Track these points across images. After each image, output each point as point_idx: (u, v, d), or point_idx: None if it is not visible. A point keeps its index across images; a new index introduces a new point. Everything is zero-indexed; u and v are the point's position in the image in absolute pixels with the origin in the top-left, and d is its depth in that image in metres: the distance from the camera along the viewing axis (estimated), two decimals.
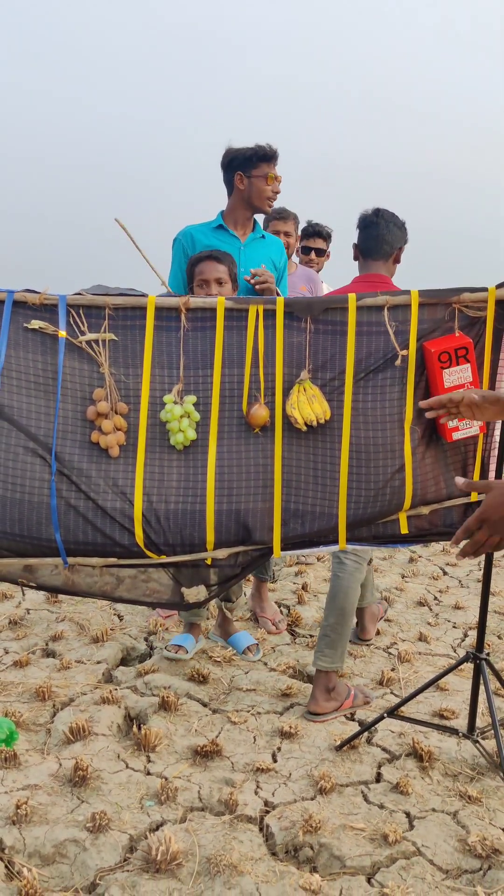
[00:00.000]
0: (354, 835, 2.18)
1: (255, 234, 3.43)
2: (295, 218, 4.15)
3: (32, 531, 2.24)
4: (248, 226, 3.42)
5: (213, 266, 2.90)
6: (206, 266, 2.90)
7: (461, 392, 1.87)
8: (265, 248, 3.43)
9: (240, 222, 3.39)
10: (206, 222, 3.41)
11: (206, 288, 2.88)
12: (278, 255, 3.47)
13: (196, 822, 2.23)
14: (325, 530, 2.31)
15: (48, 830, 2.15)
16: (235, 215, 3.38)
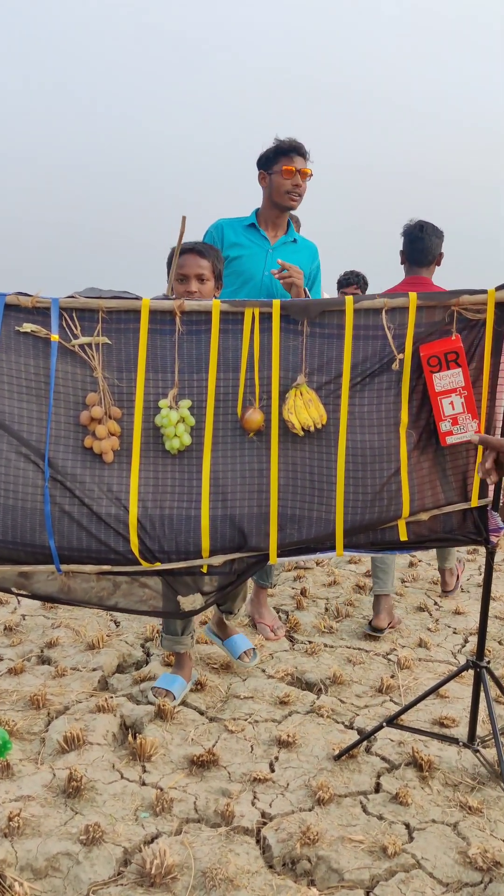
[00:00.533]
0: (353, 847, 2.14)
1: (286, 237, 3.38)
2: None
3: (26, 538, 2.21)
4: (280, 228, 3.37)
5: (195, 260, 2.77)
6: (188, 259, 2.76)
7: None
8: (295, 252, 3.38)
9: (270, 223, 3.35)
10: (240, 218, 3.38)
11: (186, 283, 2.75)
12: (309, 261, 3.41)
13: (192, 834, 2.19)
14: (322, 536, 2.28)
15: (41, 843, 2.11)
16: (266, 216, 3.35)
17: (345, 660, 3.41)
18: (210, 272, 2.78)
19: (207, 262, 2.77)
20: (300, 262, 3.32)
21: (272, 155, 3.31)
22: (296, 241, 3.42)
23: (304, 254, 3.42)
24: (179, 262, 2.71)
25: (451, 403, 2.19)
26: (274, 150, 3.31)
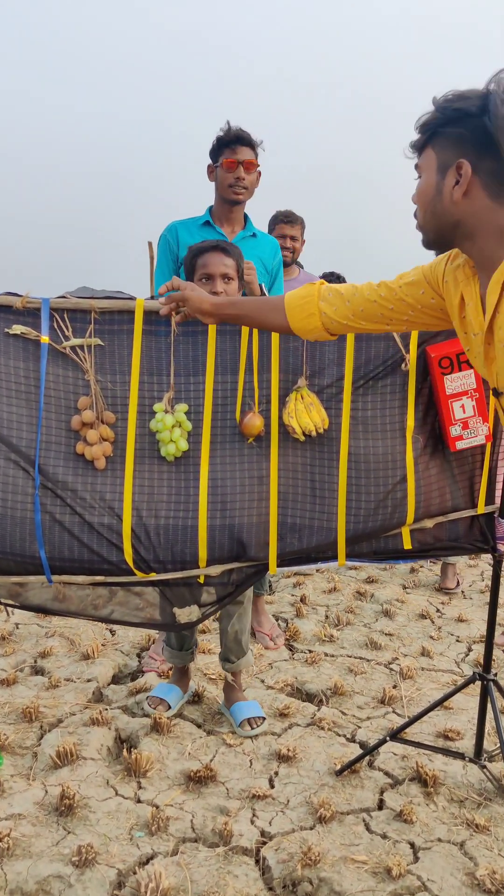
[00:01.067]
0: (356, 868, 2.06)
1: (245, 231, 3.18)
2: (302, 222, 4.01)
3: (16, 548, 2.13)
4: (237, 222, 3.18)
5: (220, 259, 2.54)
6: (212, 258, 2.54)
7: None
8: (255, 247, 3.18)
9: (225, 218, 3.16)
10: (194, 217, 3.20)
11: (211, 284, 2.52)
12: (270, 256, 3.23)
13: (188, 854, 2.11)
14: (323, 545, 2.20)
15: (31, 865, 2.02)
16: (219, 212, 3.17)
17: (346, 669, 3.33)
18: (234, 271, 2.58)
19: (232, 260, 2.58)
20: (261, 257, 3.17)
21: (216, 146, 3.11)
22: (255, 235, 3.23)
23: (265, 249, 3.24)
24: (203, 260, 2.53)
25: (463, 406, 2.12)
26: (217, 141, 3.11)
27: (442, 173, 1.52)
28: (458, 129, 1.48)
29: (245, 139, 3.06)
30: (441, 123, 1.51)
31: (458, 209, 1.51)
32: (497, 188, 1.47)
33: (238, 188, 3.07)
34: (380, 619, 4.01)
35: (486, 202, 1.48)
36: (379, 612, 4.11)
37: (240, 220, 3.20)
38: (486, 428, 2.14)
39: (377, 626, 3.90)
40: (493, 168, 1.46)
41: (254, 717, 2.78)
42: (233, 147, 3.04)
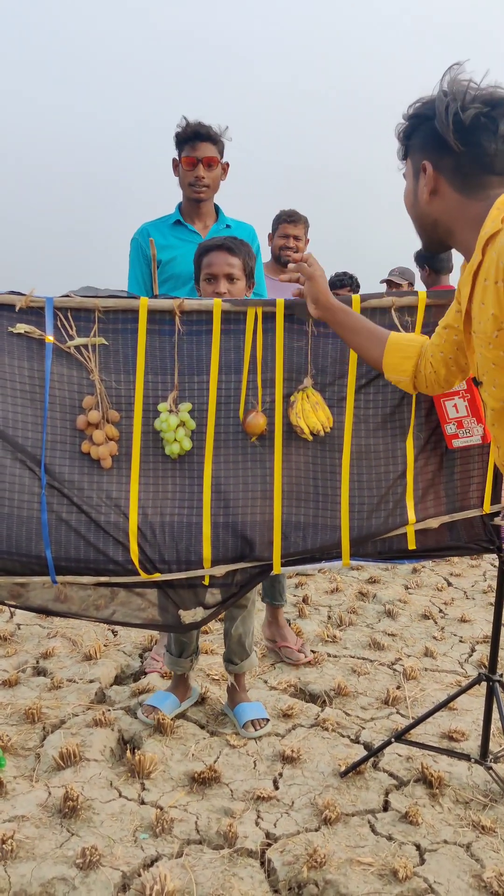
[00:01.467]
0: (362, 870, 2.05)
1: (218, 224, 3.09)
2: (306, 221, 3.98)
3: (22, 548, 2.12)
4: (208, 216, 3.08)
5: (224, 258, 2.48)
6: (216, 258, 2.48)
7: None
8: None
9: (195, 214, 3.07)
10: (164, 217, 3.11)
11: (214, 283, 2.47)
12: None
13: (193, 856, 2.10)
14: (327, 545, 2.19)
15: (35, 867, 2.01)
16: (188, 208, 3.08)
17: (349, 670, 3.31)
18: (241, 270, 2.51)
19: (238, 259, 2.50)
20: None
21: (176, 142, 2.99)
22: (229, 226, 3.13)
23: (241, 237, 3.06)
24: (208, 259, 2.49)
25: (455, 406, 2.11)
26: (175, 137, 2.98)
27: (416, 178, 1.59)
28: (420, 134, 1.56)
29: (203, 134, 2.94)
30: (409, 131, 1.59)
31: (432, 208, 1.58)
32: (461, 182, 1.52)
33: (198, 187, 2.98)
34: (382, 619, 4.00)
35: (455, 196, 1.54)
36: (381, 612, 4.10)
37: (210, 213, 3.11)
38: (481, 428, 2.13)
39: (380, 626, 3.89)
40: (452, 164, 1.52)
41: (258, 719, 2.76)
42: (192, 143, 2.94)
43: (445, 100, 1.47)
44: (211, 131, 2.96)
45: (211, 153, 2.97)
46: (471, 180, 1.51)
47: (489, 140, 1.47)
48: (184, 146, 2.96)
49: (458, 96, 1.46)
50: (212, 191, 3.04)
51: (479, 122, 1.46)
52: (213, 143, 2.98)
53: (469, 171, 1.51)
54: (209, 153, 2.96)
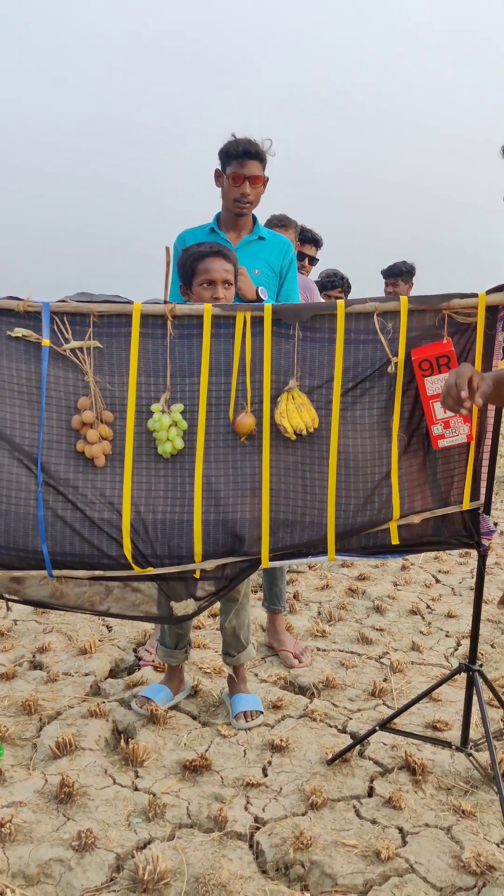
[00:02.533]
0: (346, 851, 2.14)
1: (251, 235, 3.17)
2: (296, 226, 4.04)
3: (19, 543, 2.20)
4: (244, 227, 3.17)
5: (222, 265, 2.57)
6: (214, 264, 2.56)
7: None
8: (262, 250, 3.16)
9: (230, 224, 3.15)
10: (202, 225, 3.20)
11: (212, 289, 2.56)
12: (278, 257, 3.19)
13: (184, 839, 2.19)
14: (314, 540, 2.28)
15: (33, 849, 2.10)
16: (226, 218, 3.16)
17: (338, 663, 3.40)
18: (233, 276, 2.62)
19: (231, 265, 2.61)
20: (267, 259, 3.15)
21: (223, 156, 3.06)
22: (263, 238, 3.19)
23: (273, 250, 3.20)
24: (205, 265, 2.56)
25: (443, 407, 2.19)
26: (224, 151, 3.05)
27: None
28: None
29: (253, 153, 3.01)
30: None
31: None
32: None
33: (242, 203, 3.05)
34: (371, 614, 4.09)
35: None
36: (370, 608, 4.19)
37: (247, 224, 3.18)
38: (467, 428, 2.22)
39: (368, 621, 3.97)
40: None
41: (251, 711, 2.86)
42: (241, 161, 3.00)
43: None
44: (259, 149, 3.02)
45: (258, 171, 3.03)
46: None
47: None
48: (231, 161, 3.02)
49: None
50: (253, 206, 3.12)
51: None
52: (261, 161, 3.05)
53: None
54: (256, 171, 3.03)
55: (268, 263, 3.15)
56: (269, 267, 3.15)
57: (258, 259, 3.13)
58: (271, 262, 3.17)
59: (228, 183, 3.05)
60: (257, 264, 3.11)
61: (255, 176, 3.03)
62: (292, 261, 3.26)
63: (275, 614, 3.57)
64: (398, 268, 5.30)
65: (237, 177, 3.02)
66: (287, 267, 3.23)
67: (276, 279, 3.20)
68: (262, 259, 3.14)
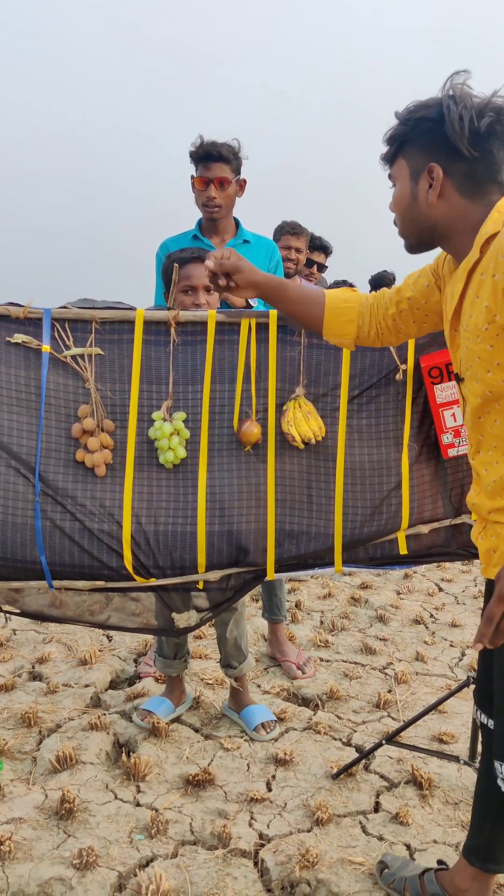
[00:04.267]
0: (353, 869, 2.09)
1: (235, 240, 3.11)
2: (307, 234, 4.02)
3: (17, 553, 2.15)
4: (227, 231, 3.10)
5: (202, 270, 2.46)
6: (195, 269, 2.50)
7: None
8: (247, 253, 3.07)
9: (211, 230, 3.08)
10: (184, 232, 3.13)
11: (194, 295, 2.50)
12: (264, 261, 3.13)
13: (188, 857, 2.14)
14: (320, 551, 2.23)
15: (33, 868, 2.05)
16: (206, 224, 3.10)
17: (341, 674, 3.36)
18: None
19: None
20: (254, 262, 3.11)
21: (191, 161, 2.99)
22: (248, 241, 3.13)
23: (259, 253, 3.14)
24: (185, 272, 2.49)
25: (454, 415, 2.15)
26: (190, 154, 2.98)
27: (415, 179, 1.59)
28: (423, 136, 1.56)
29: (215, 154, 2.93)
30: (407, 133, 1.59)
31: (434, 212, 1.58)
32: (469, 187, 1.54)
33: (210, 207, 2.99)
34: (374, 624, 4.04)
35: (460, 201, 1.55)
36: (373, 617, 4.14)
37: (228, 228, 3.13)
38: None
39: (372, 631, 3.93)
40: (463, 169, 1.53)
41: (268, 722, 2.82)
42: (205, 164, 2.94)
43: (457, 107, 1.49)
44: (223, 150, 2.95)
45: (223, 173, 2.96)
46: (479, 186, 1.54)
47: (499, 149, 1.51)
48: (197, 165, 2.98)
49: (471, 104, 1.49)
50: (225, 209, 3.04)
51: (494, 130, 1.49)
52: (226, 162, 2.97)
53: (480, 177, 1.53)
54: (221, 173, 2.96)
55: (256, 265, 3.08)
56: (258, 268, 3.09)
57: None
58: (259, 265, 3.07)
59: (196, 187, 3.00)
60: None
61: (221, 178, 2.96)
62: (278, 263, 3.21)
63: (276, 624, 3.51)
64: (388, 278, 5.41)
65: (202, 180, 2.96)
66: (273, 270, 3.18)
67: None
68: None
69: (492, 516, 1.61)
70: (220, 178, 2.96)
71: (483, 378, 1.54)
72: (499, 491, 1.59)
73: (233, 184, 3.02)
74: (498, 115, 1.49)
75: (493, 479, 1.60)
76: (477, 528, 1.71)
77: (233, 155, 3.00)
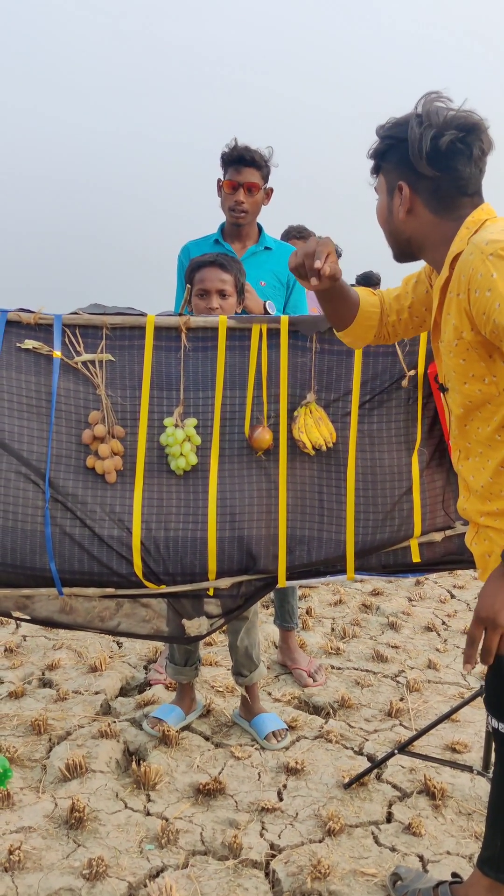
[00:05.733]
0: (365, 881, 2.07)
1: (256, 245, 3.10)
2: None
3: (26, 561, 2.15)
4: (249, 237, 3.10)
5: (217, 274, 2.53)
6: (209, 273, 2.52)
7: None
8: (268, 260, 3.09)
9: (234, 235, 3.08)
10: (206, 236, 3.14)
11: (207, 299, 2.52)
12: (285, 268, 3.06)
13: (198, 867, 2.12)
14: (332, 559, 2.22)
15: (42, 878, 2.03)
16: (229, 228, 3.10)
17: (353, 682, 3.33)
18: (232, 287, 2.55)
19: (230, 275, 2.54)
20: (273, 269, 3.07)
21: (221, 163, 3.01)
22: (269, 248, 3.13)
23: (280, 260, 3.11)
24: (201, 275, 2.52)
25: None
26: (221, 157, 3.01)
27: (390, 195, 1.65)
28: (394, 154, 1.61)
29: (248, 159, 2.95)
30: (383, 150, 1.63)
31: (406, 226, 1.64)
32: (436, 203, 1.59)
33: (237, 212, 2.99)
34: (386, 631, 4.02)
35: (429, 217, 1.60)
36: (385, 624, 4.11)
37: (252, 234, 3.12)
38: None
39: (383, 638, 3.90)
40: (429, 187, 1.58)
41: (279, 730, 2.79)
42: (236, 167, 2.96)
43: (419, 129, 1.52)
44: (256, 156, 2.96)
45: (253, 178, 2.97)
46: (446, 202, 1.58)
47: (464, 164, 1.55)
48: (228, 168, 2.98)
49: (435, 122, 1.52)
50: (251, 216, 3.04)
51: (455, 147, 1.53)
52: (258, 168, 2.98)
53: (445, 193, 1.58)
54: (251, 178, 2.97)
55: (274, 274, 3.09)
56: (276, 278, 3.09)
57: (264, 270, 3.06)
58: (278, 273, 3.10)
59: (224, 191, 3.00)
60: (264, 275, 3.05)
61: (251, 184, 2.97)
62: None
63: (287, 632, 3.49)
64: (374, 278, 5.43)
65: (232, 184, 2.97)
66: (292, 277, 3.14)
67: (284, 290, 3.14)
68: (268, 270, 3.07)
69: (483, 520, 1.65)
70: (250, 184, 2.97)
71: (461, 389, 1.59)
72: (487, 495, 1.63)
73: (261, 190, 3.03)
74: (461, 131, 1.52)
75: (481, 485, 1.63)
76: (470, 534, 1.75)
77: (264, 162, 3.01)
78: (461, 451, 1.70)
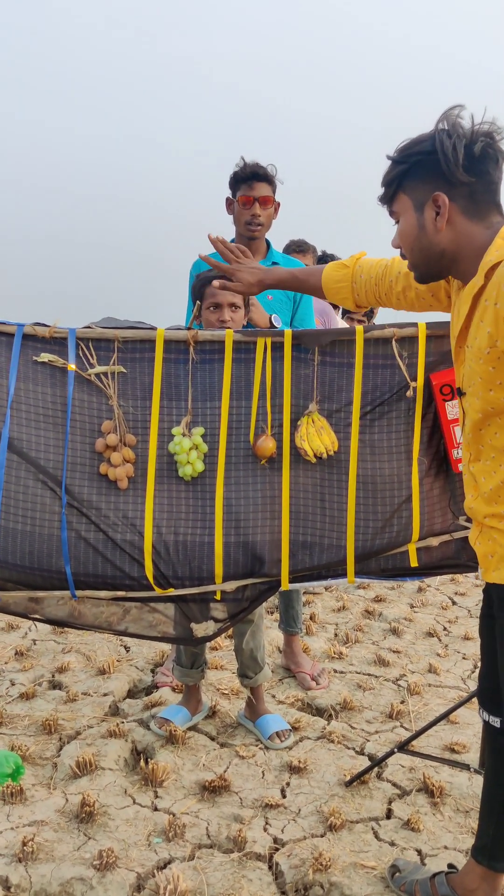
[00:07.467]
0: (365, 873, 2.15)
1: (264, 261, 3.20)
2: (314, 251, 4.07)
3: (43, 563, 2.24)
4: (257, 252, 3.20)
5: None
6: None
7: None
8: None
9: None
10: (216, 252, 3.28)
11: (219, 312, 2.61)
12: None
13: (204, 859, 2.20)
14: (333, 563, 2.30)
15: (54, 868, 2.12)
16: (243, 241, 3.18)
17: (355, 685, 3.41)
18: (241, 300, 2.66)
19: None
20: None
21: (232, 181, 3.14)
22: (276, 263, 3.20)
23: None
24: (211, 290, 2.60)
25: None
26: (233, 176, 3.14)
27: (420, 210, 1.69)
28: (422, 169, 1.66)
29: (261, 175, 3.08)
30: (406, 170, 1.68)
31: (443, 238, 1.68)
32: (473, 209, 1.65)
33: (253, 225, 3.10)
34: (388, 636, 4.10)
35: (466, 224, 1.66)
36: (387, 630, 4.19)
37: (260, 249, 3.23)
38: None
39: (385, 643, 3.98)
40: (464, 193, 1.64)
41: (282, 731, 2.87)
42: (249, 183, 3.07)
43: (450, 140, 1.59)
44: (267, 172, 3.10)
45: (266, 192, 3.10)
46: (481, 207, 1.64)
47: (494, 168, 1.62)
48: (241, 185, 3.10)
49: (463, 132, 1.60)
50: (265, 229, 3.16)
51: (487, 153, 1.60)
52: (269, 182, 3.11)
53: (480, 198, 1.64)
54: (265, 192, 3.09)
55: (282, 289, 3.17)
56: (283, 292, 3.17)
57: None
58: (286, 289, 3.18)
59: (239, 206, 3.11)
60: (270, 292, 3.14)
61: (265, 197, 3.09)
62: None
63: (291, 636, 3.57)
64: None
65: (247, 199, 3.08)
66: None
67: (291, 304, 3.23)
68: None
69: (487, 521, 1.73)
70: (264, 198, 3.09)
71: (485, 396, 1.65)
72: (494, 498, 1.71)
73: (273, 204, 3.15)
74: (488, 138, 1.60)
75: (490, 487, 1.71)
76: (474, 532, 1.83)
77: (273, 177, 3.14)
78: (472, 453, 1.77)
